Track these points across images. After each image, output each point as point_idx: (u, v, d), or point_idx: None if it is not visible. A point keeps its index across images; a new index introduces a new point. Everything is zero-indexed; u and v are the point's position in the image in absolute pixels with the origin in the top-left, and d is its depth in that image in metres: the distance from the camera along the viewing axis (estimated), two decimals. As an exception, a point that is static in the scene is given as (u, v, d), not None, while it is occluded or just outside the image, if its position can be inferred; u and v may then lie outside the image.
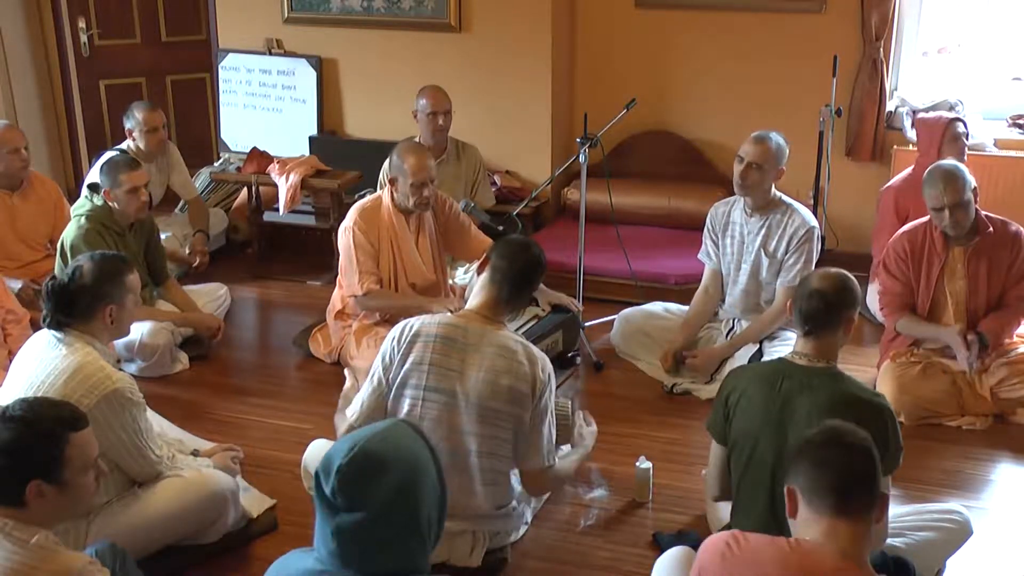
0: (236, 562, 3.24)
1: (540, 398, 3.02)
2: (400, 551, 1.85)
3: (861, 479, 2.03)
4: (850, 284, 2.86)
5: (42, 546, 2.17)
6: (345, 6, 6.06)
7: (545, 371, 3.04)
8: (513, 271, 3.07)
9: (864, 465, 2.04)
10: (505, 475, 3.12)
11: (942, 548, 3.04)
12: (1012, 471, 3.81)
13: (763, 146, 4.14)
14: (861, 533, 2.01)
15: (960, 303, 4.07)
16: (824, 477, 2.03)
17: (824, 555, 1.99)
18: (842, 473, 2.02)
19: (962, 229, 3.99)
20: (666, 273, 5.15)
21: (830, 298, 2.80)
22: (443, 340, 3.02)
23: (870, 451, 2.06)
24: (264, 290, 5.54)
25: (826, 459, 2.04)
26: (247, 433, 4.01)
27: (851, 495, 2.01)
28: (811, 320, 2.81)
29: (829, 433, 2.08)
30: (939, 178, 3.97)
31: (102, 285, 3.08)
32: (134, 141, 5.25)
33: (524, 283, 3.11)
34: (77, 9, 6.62)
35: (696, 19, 5.77)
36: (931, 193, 3.98)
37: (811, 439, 2.10)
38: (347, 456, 1.81)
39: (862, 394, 2.76)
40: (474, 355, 3.01)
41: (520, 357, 3.00)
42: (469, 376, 3.00)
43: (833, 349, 2.84)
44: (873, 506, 2.04)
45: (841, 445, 2.05)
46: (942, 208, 3.94)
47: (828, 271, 2.90)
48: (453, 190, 4.98)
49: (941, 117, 4.94)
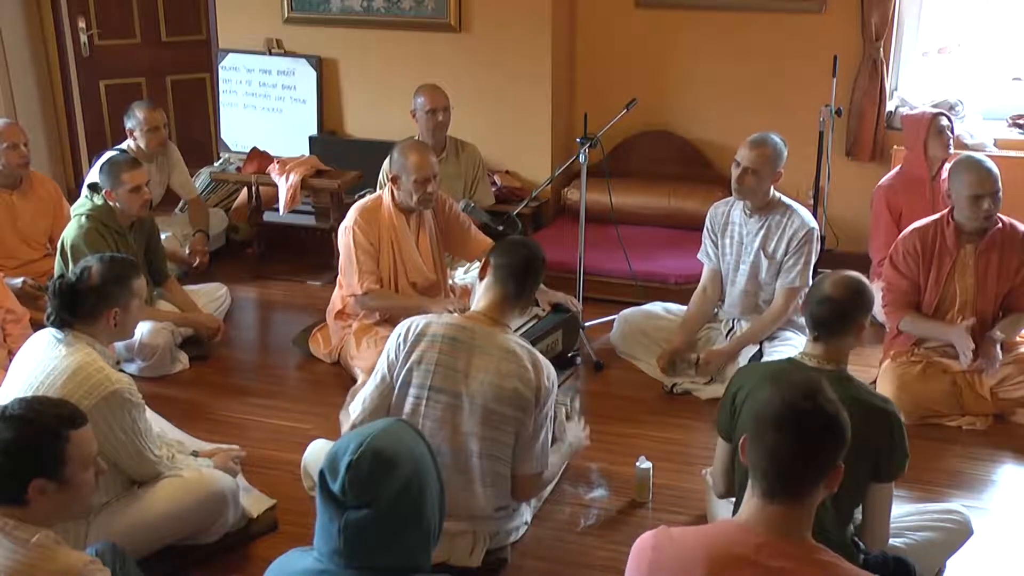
0: (236, 562, 3.24)
1: (543, 405, 3.03)
2: (404, 548, 1.86)
3: (795, 464, 1.91)
4: (863, 288, 2.83)
5: (42, 545, 2.17)
6: (345, 6, 6.06)
7: (550, 379, 3.05)
8: (515, 267, 3.07)
9: (805, 449, 1.91)
10: (506, 477, 3.11)
11: (942, 548, 3.05)
12: (1012, 471, 3.81)
13: (759, 151, 4.13)
14: (795, 513, 1.92)
15: (968, 301, 4.06)
16: (761, 459, 1.93)
17: (748, 534, 1.92)
18: (775, 458, 1.92)
19: (991, 221, 3.98)
20: (666, 273, 5.15)
21: (843, 304, 2.77)
22: (450, 340, 3.02)
23: (819, 433, 1.92)
24: (264, 290, 5.54)
25: (765, 440, 1.93)
26: (247, 433, 4.01)
27: (780, 481, 1.91)
28: (821, 326, 2.79)
29: (776, 411, 1.93)
30: (976, 166, 3.96)
31: (109, 288, 3.08)
32: (135, 140, 5.25)
33: (528, 278, 3.10)
34: (77, 9, 6.62)
35: (696, 19, 5.77)
36: (971, 180, 3.93)
37: (760, 413, 1.96)
38: (356, 453, 1.82)
39: (870, 399, 2.75)
40: (480, 357, 3.00)
41: (526, 363, 3.00)
42: (474, 378, 2.99)
43: (843, 353, 2.84)
44: (813, 489, 1.92)
45: (780, 430, 1.91)
46: (983, 196, 3.91)
47: (842, 275, 2.85)
48: (452, 189, 4.98)
49: (925, 113, 4.95)
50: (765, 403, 1.96)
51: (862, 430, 2.66)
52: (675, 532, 2.02)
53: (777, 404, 1.94)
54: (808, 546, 1.93)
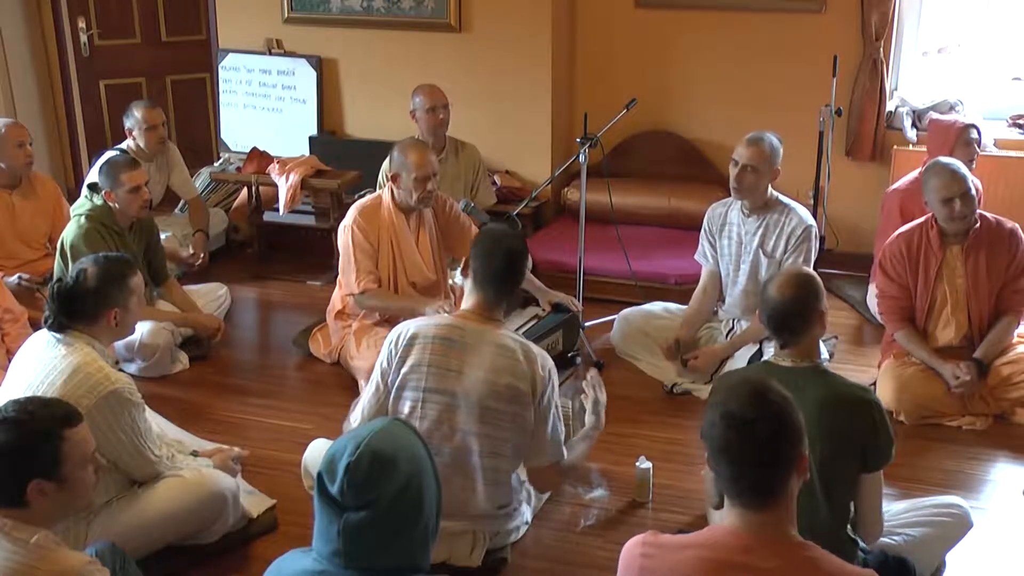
0: (236, 562, 3.24)
1: (542, 396, 3.02)
2: (404, 548, 1.87)
3: (761, 473, 1.90)
4: (807, 281, 2.81)
5: (42, 545, 2.17)
6: (345, 6, 6.06)
7: (545, 368, 3.03)
8: (491, 271, 3.03)
9: (764, 457, 1.89)
10: (507, 474, 3.12)
11: (942, 543, 3.05)
12: (1012, 471, 3.81)
13: (757, 148, 4.13)
14: (776, 513, 1.92)
15: (960, 302, 4.06)
16: (727, 478, 1.93)
17: (737, 539, 1.93)
18: (739, 476, 1.91)
19: (967, 222, 3.99)
20: (666, 273, 5.15)
21: (792, 307, 2.76)
22: (441, 341, 3.02)
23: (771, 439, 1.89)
24: (264, 290, 5.54)
25: (721, 461, 1.92)
26: (247, 433, 4.01)
27: (751, 491, 1.91)
28: (782, 331, 2.79)
29: (721, 432, 1.92)
30: (944, 170, 3.99)
31: (106, 289, 3.08)
32: (134, 140, 5.25)
33: (507, 279, 3.06)
34: (77, 9, 6.62)
35: (696, 19, 5.77)
36: (938, 184, 3.97)
37: (709, 435, 1.94)
38: (355, 455, 1.82)
39: (849, 390, 2.76)
40: (473, 355, 3.00)
41: (518, 355, 3.00)
42: (468, 376, 2.99)
43: (813, 347, 2.83)
44: (786, 487, 1.92)
45: (731, 449, 1.91)
46: (952, 198, 3.93)
47: (783, 276, 2.83)
48: (452, 189, 4.98)
49: (956, 121, 4.92)
50: (711, 425, 1.95)
51: (848, 424, 2.67)
52: (664, 540, 2.02)
53: (720, 426, 1.92)
54: (796, 542, 1.95)
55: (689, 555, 1.95)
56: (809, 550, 1.94)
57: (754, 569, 1.90)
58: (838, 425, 2.65)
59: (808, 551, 1.94)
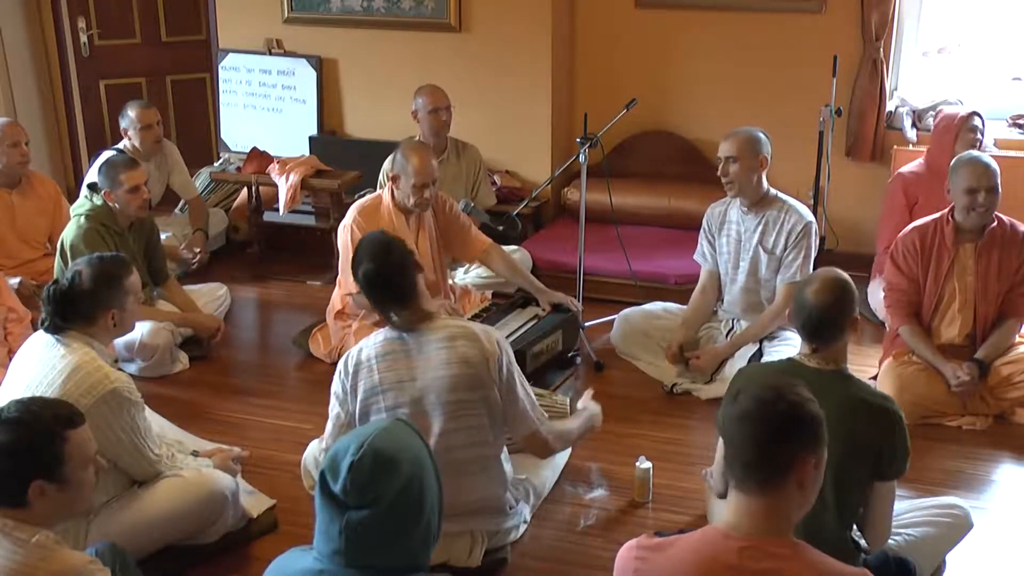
0: (236, 562, 3.24)
1: (501, 369, 2.99)
2: (405, 548, 1.87)
3: (759, 452, 1.92)
4: (845, 287, 2.80)
5: (42, 545, 2.17)
6: (345, 6, 6.06)
7: (492, 341, 3.00)
8: (375, 291, 3.01)
9: (766, 437, 1.91)
10: (494, 458, 3.11)
11: (942, 543, 3.05)
12: (1012, 471, 3.81)
13: (733, 139, 4.17)
14: (770, 508, 1.93)
15: (968, 300, 4.06)
16: (728, 449, 1.96)
17: (730, 539, 1.93)
18: (740, 448, 1.94)
19: (985, 217, 3.99)
20: (666, 273, 5.15)
21: (827, 314, 2.75)
22: (383, 358, 3.00)
23: (780, 422, 1.92)
24: (264, 290, 5.54)
25: (730, 431, 1.96)
26: (247, 433, 4.01)
27: (747, 470, 1.93)
28: (815, 338, 2.77)
29: (741, 404, 1.96)
30: (977, 160, 4.00)
31: (102, 290, 3.07)
32: (130, 140, 5.25)
33: (389, 291, 3.00)
34: (77, 9, 6.62)
35: (696, 19, 5.77)
36: (968, 172, 3.96)
37: (727, 407, 2.00)
38: (358, 454, 1.82)
39: (872, 398, 2.75)
40: (418, 359, 2.99)
41: (459, 341, 2.98)
42: (424, 379, 2.98)
43: (842, 352, 2.82)
44: (782, 482, 1.92)
45: (743, 419, 1.94)
46: (979, 189, 3.93)
47: (820, 281, 2.81)
48: (453, 190, 4.98)
49: (961, 112, 4.97)
50: (733, 396, 1.99)
51: (867, 430, 2.67)
52: (658, 543, 2.03)
53: (743, 399, 1.97)
54: (789, 543, 1.95)
55: (682, 557, 1.96)
56: (802, 550, 1.94)
57: (746, 570, 1.90)
58: (857, 430, 2.63)
59: (801, 551, 1.94)
